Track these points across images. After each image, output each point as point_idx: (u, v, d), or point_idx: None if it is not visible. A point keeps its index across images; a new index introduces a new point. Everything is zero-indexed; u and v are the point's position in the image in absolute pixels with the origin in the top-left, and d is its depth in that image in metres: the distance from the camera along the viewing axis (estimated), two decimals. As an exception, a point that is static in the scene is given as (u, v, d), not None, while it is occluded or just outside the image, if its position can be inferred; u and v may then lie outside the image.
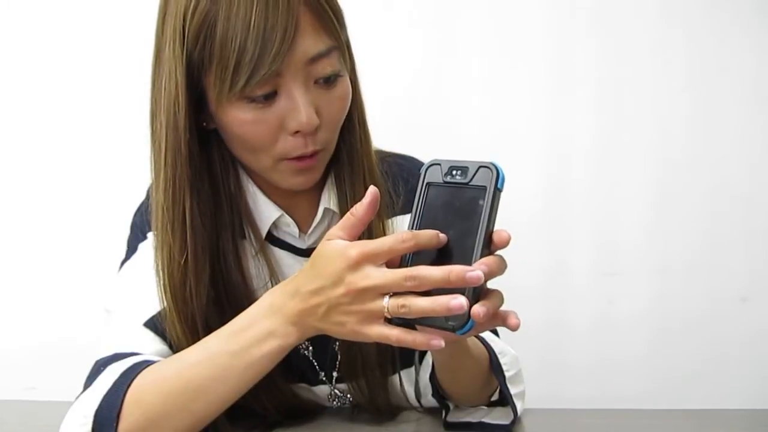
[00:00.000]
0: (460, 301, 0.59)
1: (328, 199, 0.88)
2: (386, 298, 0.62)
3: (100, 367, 0.76)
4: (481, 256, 0.61)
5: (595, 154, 1.53)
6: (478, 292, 0.61)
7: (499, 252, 0.63)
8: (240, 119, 0.75)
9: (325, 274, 0.64)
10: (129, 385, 0.71)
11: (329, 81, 0.77)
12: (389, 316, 0.63)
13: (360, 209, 0.66)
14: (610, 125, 1.53)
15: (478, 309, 0.60)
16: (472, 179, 0.63)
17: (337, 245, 0.65)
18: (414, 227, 0.65)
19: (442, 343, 0.62)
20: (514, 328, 0.64)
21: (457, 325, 0.61)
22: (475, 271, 0.59)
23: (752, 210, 1.51)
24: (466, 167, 0.64)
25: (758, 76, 1.50)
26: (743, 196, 1.52)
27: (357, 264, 0.63)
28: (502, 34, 1.52)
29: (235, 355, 0.70)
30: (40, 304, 1.54)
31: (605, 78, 1.52)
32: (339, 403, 0.93)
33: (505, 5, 1.52)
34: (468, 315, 0.60)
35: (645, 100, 1.52)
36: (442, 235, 0.63)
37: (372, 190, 0.66)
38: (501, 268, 0.62)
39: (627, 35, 1.51)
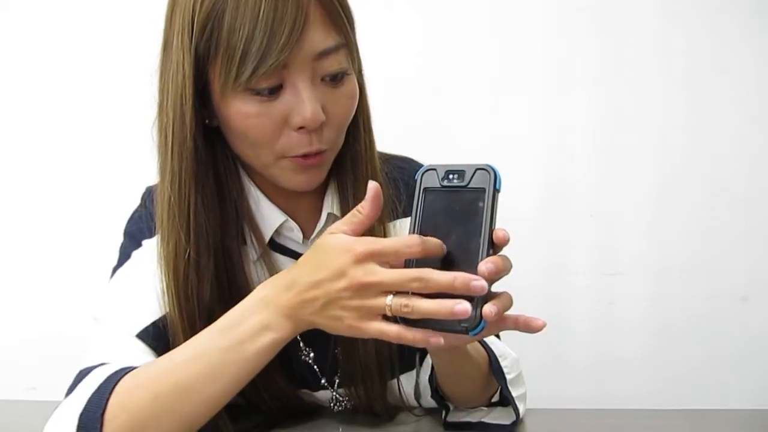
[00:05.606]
0: (464, 306, 0.58)
1: (331, 205, 0.87)
2: (389, 297, 0.62)
3: (85, 374, 0.73)
4: (487, 257, 0.61)
5: (595, 154, 1.53)
6: (486, 293, 0.61)
7: (501, 252, 0.63)
8: (243, 112, 0.75)
9: (326, 267, 0.63)
10: (114, 387, 0.68)
11: (336, 79, 0.76)
12: (390, 315, 0.62)
13: (366, 206, 0.66)
14: (611, 125, 1.53)
15: (490, 308, 0.60)
16: (469, 182, 0.64)
17: (342, 239, 0.64)
18: (414, 233, 0.64)
19: (442, 341, 0.61)
20: (539, 329, 0.64)
21: (469, 326, 0.61)
22: (479, 280, 0.59)
23: (752, 210, 1.51)
24: (463, 170, 0.64)
25: (758, 77, 1.50)
26: (743, 196, 1.51)
27: (362, 260, 0.62)
28: (502, 34, 1.52)
29: (228, 350, 0.67)
30: (41, 304, 1.54)
31: (605, 78, 1.52)
32: (340, 407, 0.92)
33: (506, 5, 1.52)
34: (480, 316, 0.60)
35: (645, 101, 1.52)
36: (445, 246, 0.63)
37: (372, 185, 0.66)
38: (507, 267, 0.62)
39: (627, 35, 1.51)
